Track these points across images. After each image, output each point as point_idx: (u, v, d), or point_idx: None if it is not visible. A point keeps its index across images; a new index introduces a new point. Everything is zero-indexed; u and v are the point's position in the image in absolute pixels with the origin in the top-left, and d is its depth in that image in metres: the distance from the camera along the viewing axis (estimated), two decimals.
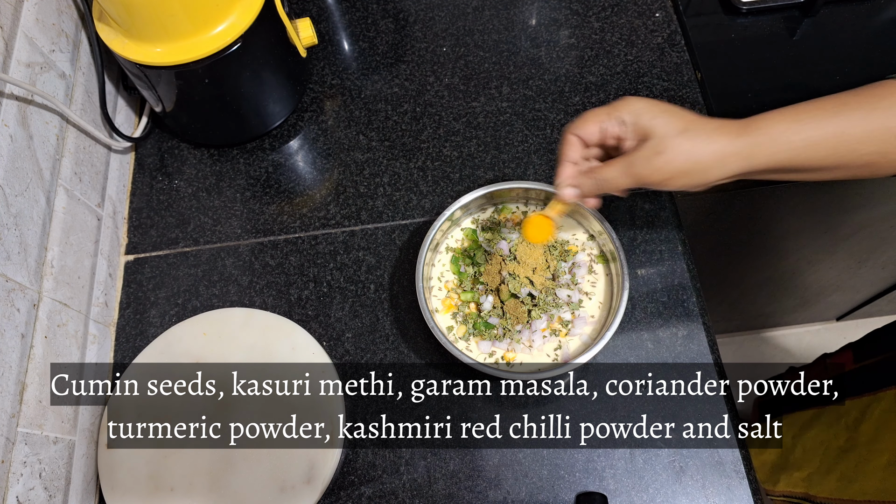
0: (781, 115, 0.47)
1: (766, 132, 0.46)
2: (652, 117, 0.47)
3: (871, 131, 0.45)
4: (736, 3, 0.76)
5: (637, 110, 0.47)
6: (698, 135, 0.46)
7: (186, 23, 0.59)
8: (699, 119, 0.47)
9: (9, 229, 0.52)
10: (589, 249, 0.63)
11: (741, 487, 0.57)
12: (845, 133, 0.45)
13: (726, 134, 0.46)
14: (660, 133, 0.46)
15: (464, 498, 0.58)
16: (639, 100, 0.48)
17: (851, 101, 0.46)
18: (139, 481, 0.58)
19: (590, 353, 0.55)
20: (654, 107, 0.47)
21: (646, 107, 0.47)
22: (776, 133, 0.46)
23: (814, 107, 0.47)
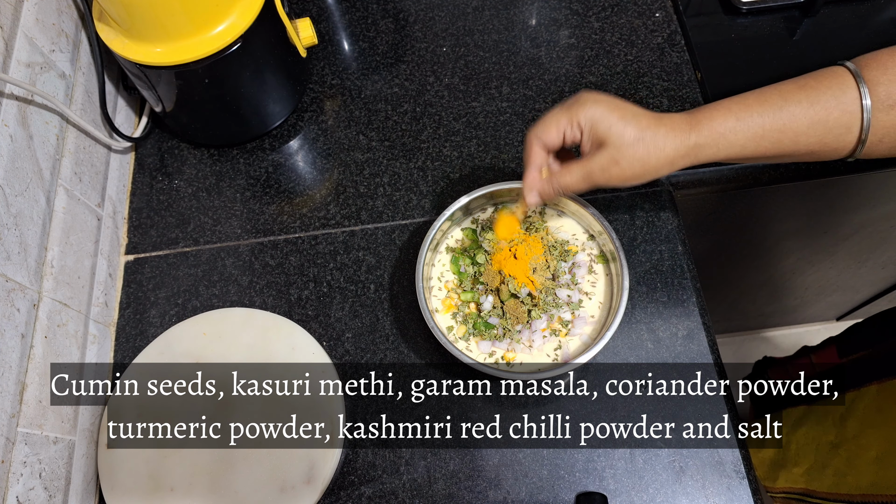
0: (727, 112, 0.49)
1: (711, 131, 0.48)
2: (608, 126, 0.49)
3: (812, 124, 0.47)
4: (736, 3, 0.76)
5: (593, 117, 0.49)
6: (652, 141, 0.49)
7: (186, 23, 0.59)
8: (651, 123, 0.49)
9: (9, 229, 0.52)
10: (589, 249, 0.63)
11: (741, 487, 0.57)
12: (787, 127, 0.47)
13: (676, 136, 0.49)
14: (615, 143, 0.49)
15: (464, 498, 0.58)
16: (595, 102, 0.50)
17: (795, 94, 0.48)
18: (139, 481, 0.58)
19: (590, 353, 0.55)
20: (610, 113, 0.49)
21: (602, 114, 0.49)
22: (721, 131, 0.48)
23: (759, 101, 0.48)
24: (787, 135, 0.48)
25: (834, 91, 0.47)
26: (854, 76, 0.46)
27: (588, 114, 0.50)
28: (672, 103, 0.73)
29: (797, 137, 0.48)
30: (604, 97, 0.50)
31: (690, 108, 0.73)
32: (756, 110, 0.48)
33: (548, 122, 0.52)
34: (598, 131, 0.49)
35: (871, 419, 0.71)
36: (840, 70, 0.48)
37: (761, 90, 0.50)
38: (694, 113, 0.50)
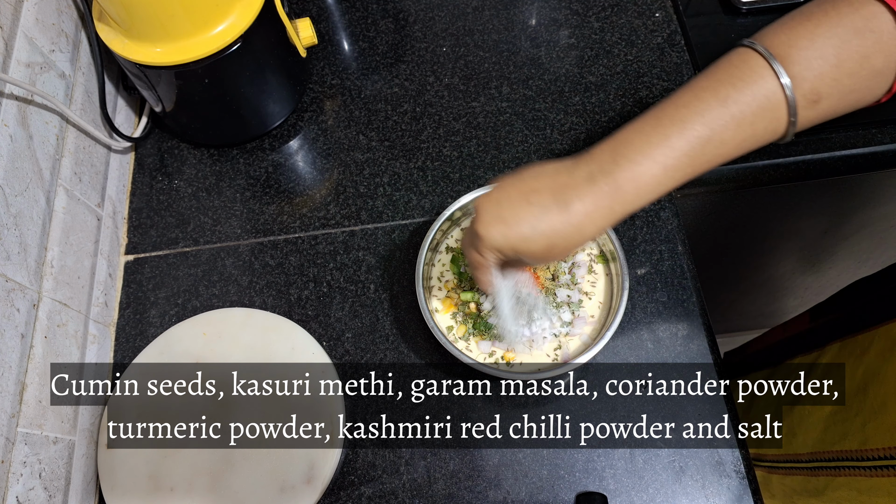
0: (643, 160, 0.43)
1: (630, 191, 0.43)
2: (514, 253, 0.46)
3: (736, 125, 0.43)
4: (736, 3, 0.76)
5: (499, 249, 0.46)
6: (565, 248, 0.45)
7: (186, 23, 0.59)
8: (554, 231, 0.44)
9: (9, 229, 0.52)
10: (589, 249, 0.63)
11: (741, 487, 0.57)
12: (711, 138, 0.43)
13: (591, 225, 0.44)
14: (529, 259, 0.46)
15: (464, 498, 0.58)
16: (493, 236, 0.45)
17: (707, 100, 0.43)
18: (139, 481, 0.58)
19: (590, 353, 0.55)
20: (510, 241, 0.45)
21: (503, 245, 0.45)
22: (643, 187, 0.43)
23: (672, 124, 0.43)
24: (711, 145, 0.43)
25: (745, 80, 0.42)
26: (762, 56, 0.42)
27: (493, 246, 0.46)
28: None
29: (722, 146, 0.43)
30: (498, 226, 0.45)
31: None
32: (673, 144, 0.43)
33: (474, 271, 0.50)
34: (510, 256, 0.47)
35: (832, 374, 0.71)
36: (743, 53, 0.43)
37: (659, 109, 0.44)
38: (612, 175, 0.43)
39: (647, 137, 0.43)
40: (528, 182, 0.45)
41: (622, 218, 0.45)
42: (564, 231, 0.44)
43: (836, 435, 0.71)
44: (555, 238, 0.44)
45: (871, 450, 0.65)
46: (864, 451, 0.65)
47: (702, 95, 0.43)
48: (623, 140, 0.44)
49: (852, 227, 0.98)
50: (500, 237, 0.45)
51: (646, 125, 0.44)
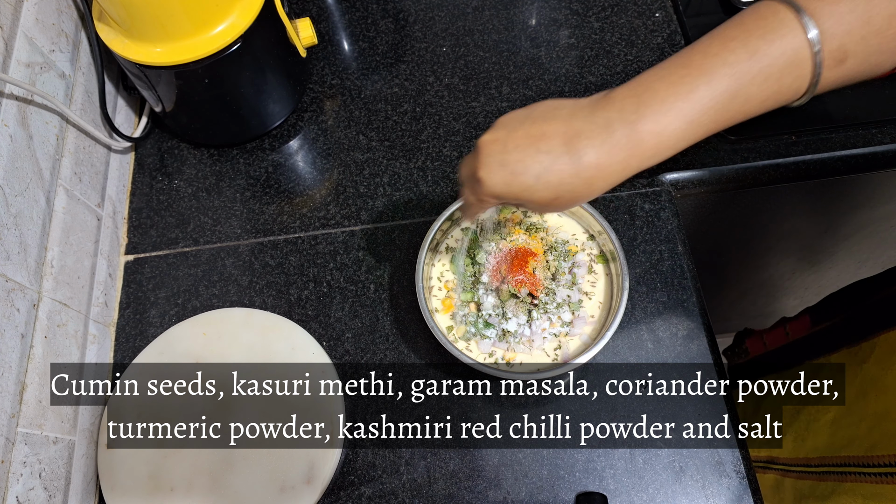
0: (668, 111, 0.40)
1: (650, 145, 0.40)
2: (515, 201, 0.43)
3: (764, 78, 0.40)
4: (736, 3, 0.76)
5: (499, 196, 0.43)
6: (570, 201, 0.42)
7: (186, 23, 0.59)
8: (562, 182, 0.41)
9: (9, 229, 0.52)
10: (589, 249, 0.63)
11: (741, 487, 0.57)
12: (738, 94, 0.40)
13: (602, 180, 0.41)
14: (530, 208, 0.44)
15: (464, 498, 0.58)
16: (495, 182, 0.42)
17: (734, 50, 0.40)
18: (139, 481, 0.58)
19: (590, 353, 0.55)
20: (512, 189, 0.42)
21: (504, 192, 0.42)
22: (664, 141, 0.40)
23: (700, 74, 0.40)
24: (737, 101, 0.40)
25: (775, 32, 0.40)
26: (792, 9, 0.40)
27: (491, 192, 0.43)
28: None
29: (747, 102, 0.41)
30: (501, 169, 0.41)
31: None
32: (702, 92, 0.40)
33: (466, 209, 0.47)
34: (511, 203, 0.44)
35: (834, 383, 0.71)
36: (772, 5, 0.41)
37: (684, 55, 0.41)
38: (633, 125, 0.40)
39: (672, 86, 0.40)
40: (538, 124, 0.41)
41: (633, 173, 0.41)
42: (572, 184, 0.41)
43: (842, 440, 0.71)
44: (561, 190, 0.41)
45: (876, 456, 0.64)
46: (870, 458, 0.65)
47: (730, 45, 0.40)
48: (646, 86, 0.41)
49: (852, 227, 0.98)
50: (502, 184, 0.42)
51: (671, 73, 0.41)
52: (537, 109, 0.43)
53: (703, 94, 0.40)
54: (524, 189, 0.41)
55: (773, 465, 0.85)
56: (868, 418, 0.66)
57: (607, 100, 0.41)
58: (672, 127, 0.40)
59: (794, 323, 0.90)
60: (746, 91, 0.40)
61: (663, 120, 0.40)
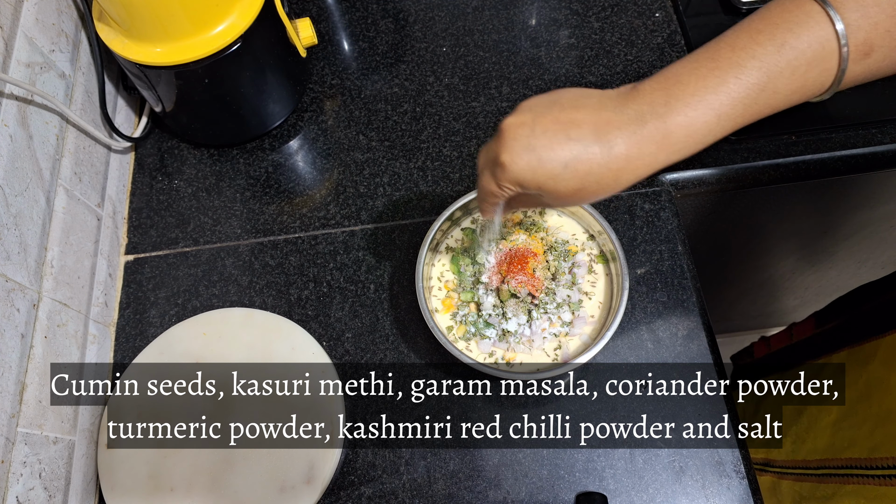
0: (698, 104, 0.39)
1: (679, 138, 0.40)
2: (537, 190, 0.42)
3: (791, 70, 0.40)
4: (736, 3, 0.76)
5: (521, 183, 0.41)
6: (595, 193, 0.41)
7: (186, 23, 0.59)
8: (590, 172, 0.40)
9: (9, 229, 0.52)
10: (589, 249, 0.63)
11: (741, 487, 0.57)
12: (766, 87, 0.40)
13: (630, 172, 0.40)
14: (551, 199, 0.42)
15: (464, 498, 0.58)
16: (520, 167, 0.40)
17: (762, 43, 0.40)
18: (139, 481, 0.58)
19: (590, 353, 0.55)
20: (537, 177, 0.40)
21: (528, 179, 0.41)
22: (693, 134, 0.40)
23: (730, 67, 0.40)
24: (765, 94, 0.40)
25: (802, 25, 0.39)
26: (819, 3, 0.39)
27: (515, 178, 0.41)
28: None
29: (775, 95, 0.40)
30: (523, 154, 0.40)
31: None
32: (731, 86, 0.39)
33: (483, 199, 0.45)
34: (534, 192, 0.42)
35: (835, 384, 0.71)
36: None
37: (713, 48, 0.41)
38: (664, 118, 0.39)
39: (702, 80, 0.39)
40: (567, 111, 0.40)
41: (660, 168, 0.41)
42: (600, 174, 0.39)
43: (844, 441, 0.71)
44: (588, 180, 0.40)
45: (879, 458, 0.64)
46: (873, 460, 0.65)
47: (758, 39, 0.40)
48: (676, 79, 0.40)
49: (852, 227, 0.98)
50: (528, 170, 0.40)
51: (700, 66, 0.40)
52: (565, 96, 0.41)
53: (732, 87, 0.39)
54: (550, 177, 0.40)
55: (769, 468, 0.85)
56: (871, 419, 0.66)
57: (636, 92, 0.41)
58: (702, 120, 0.39)
59: (799, 326, 0.90)
60: (774, 84, 0.40)
61: (693, 113, 0.39)
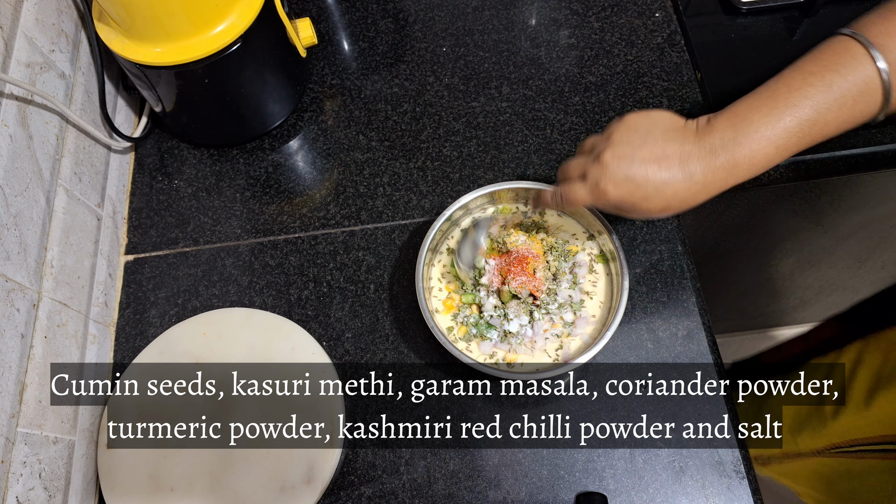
0: (760, 139, 0.47)
1: (744, 167, 0.48)
2: (629, 206, 0.50)
3: (838, 107, 0.47)
4: (736, 3, 0.76)
5: (617, 204, 0.51)
6: (678, 209, 0.50)
7: (186, 23, 0.59)
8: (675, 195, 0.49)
9: (9, 229, 0.52)
10: (589, 249, 0.63)
11: (741, 487, 0.57)
12: (816, 120, 0.47)
13: (705, 193, 0.49)
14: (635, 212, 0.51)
15: (464, 498, 0.58)
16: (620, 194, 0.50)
17: (812, 84, 0.47)
18: (139, 481, 0.58)
19: (590, 353, 0.55)
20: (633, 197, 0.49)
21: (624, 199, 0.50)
22: (756, 164, 0.48)
23: (786, 108, 0.47)
24: (817, 127, 0.47)
25: (848, 67, 0.46)
26: (862, 45, 0.46)
27: (609, 203, 0.51)
28: (672, 103, 0.73)
29: (826, 127, 0.48)
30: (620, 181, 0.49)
31: (690, 108, 0.73)
32: (787, 122, 0.47)
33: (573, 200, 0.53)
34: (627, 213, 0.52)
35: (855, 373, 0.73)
36: (845, 41, 0.47)
37: (772, 88, 0.49)
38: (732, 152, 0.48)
39: (764, 118, 0.47)
40: (659, 145, 0.49)
41: (729, 188, 0.49)
42: (683, 196, 0.49)
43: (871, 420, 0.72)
44: (673, 201, 0.49)
45: None
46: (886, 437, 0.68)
47: (810, 80, 0.47)
48: (742, 117, 0.48)
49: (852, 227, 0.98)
50: (626, 194, 0.50)
51: (762, 105, 0.48)
52: (656, 129, 0.50)
53: (788, 124, 0.47)
54: (643, 198, 0.49)
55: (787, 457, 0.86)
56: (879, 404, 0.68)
57: (710, 128, 0.49)
58: (763, 152, 0.47)
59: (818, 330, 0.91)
60: (824, 118, 0.47)
61: (756, 147, 0.47)
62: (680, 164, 0.48)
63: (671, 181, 0.48)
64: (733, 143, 0.48)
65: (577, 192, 0.52)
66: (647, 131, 0.50)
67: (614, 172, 0.49)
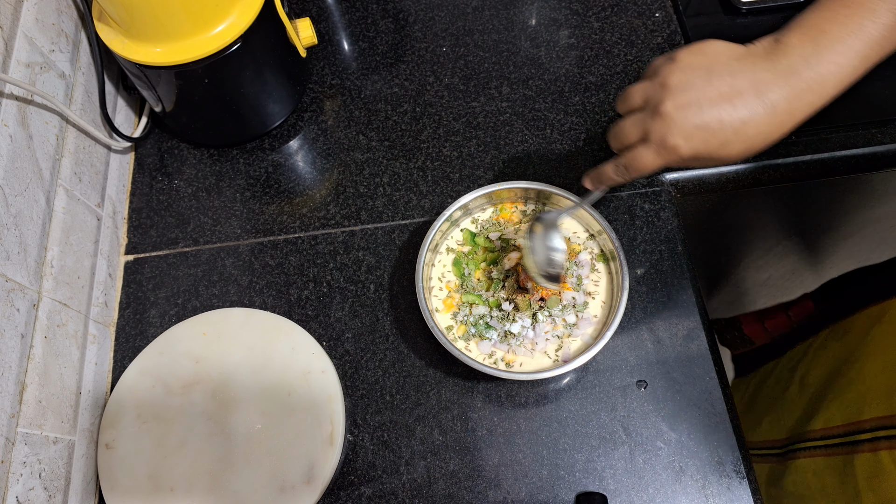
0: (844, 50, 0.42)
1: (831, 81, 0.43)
2: (705, 157, 0.45)
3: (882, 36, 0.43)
4: (736, 3, 0.76)
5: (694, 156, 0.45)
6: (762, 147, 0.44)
7: (186, 23, 0.59)
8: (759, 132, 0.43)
9: (8, 229, 0.52)
10: (589, 249, 0.63)
11: (741, 487, 0.57)
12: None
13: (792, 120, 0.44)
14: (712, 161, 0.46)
15: (464, 498, 0.58)
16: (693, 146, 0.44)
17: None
18: (139, 481, 0.58)
19: (589, 353, 0.55)
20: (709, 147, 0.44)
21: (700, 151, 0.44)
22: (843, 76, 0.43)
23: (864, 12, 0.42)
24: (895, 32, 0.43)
25: None
26: None
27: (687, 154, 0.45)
28: None
29: None
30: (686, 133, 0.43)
31: None
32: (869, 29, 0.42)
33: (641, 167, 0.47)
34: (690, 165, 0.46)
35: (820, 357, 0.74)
36: None
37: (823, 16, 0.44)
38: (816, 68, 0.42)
39: (842, 27, 0.43)
40: (726, 79, 0.43)
41: (819, 110, 0.44)
42: (768, 131, 0.43)
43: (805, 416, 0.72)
44: (756, 139, 0.44)
45: (832, 428, 0.66)
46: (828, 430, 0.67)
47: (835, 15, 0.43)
48: (818, 28, 0.43)
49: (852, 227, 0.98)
50: (701, 144, 0.44)
51: (837, 13, 0.43)
52: (717, 62, 0.44)
53: (870, 31, 0.42)
54: (721, 145, 0.43)
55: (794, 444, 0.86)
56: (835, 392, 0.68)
57: (783, 46, 0.44)
58: (848, 63, 0.42)
59: (797, 307, 0.91)
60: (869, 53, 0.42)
61: (841, 59, 0.42)
62: (757, 96, 0.42)
63: (751, 118, 0.43)
64: (816, 57, 0.42)
65: (643, 157, 0.46)
66: (708, 67, 0.44)
67: (682, 124, 0.43)
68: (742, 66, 0.44)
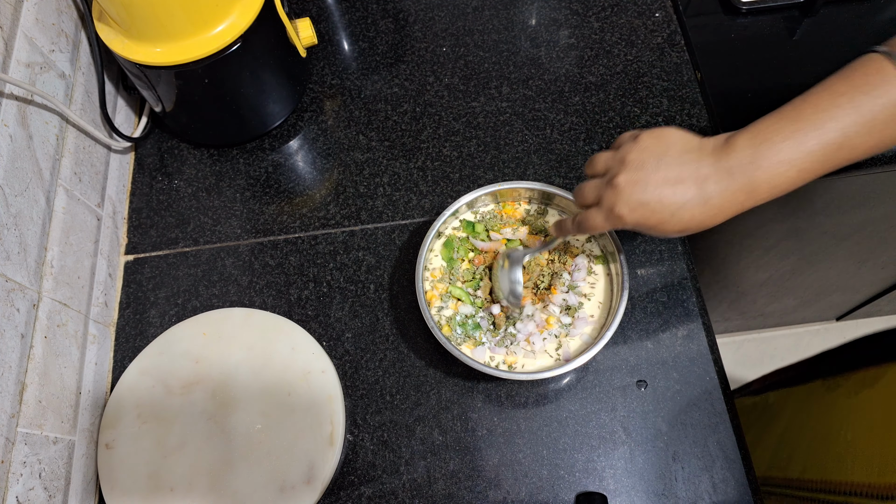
0: (781, 162, 0.45)
1: (764, 190, 0.46)
2: (644, 229, 0.49)
3: (868, 130, 0.44)
4: (736, 3, 0.76)
5: (636, 223, 0.49)
6: (695, 230, 0.49)
7: (186, 23, 0.59)
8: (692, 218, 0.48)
9: (8, 229, 0.52)
10: (588, 250, 0.63)
11: (741, 487, 0.57)
12: (843, 143, 0.44)
13: (722, 216, 0.48)
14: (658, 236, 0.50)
15: (464, 498, 0.58)
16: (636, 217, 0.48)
17: (839, 105, 0.44)
18: (139, 481, 0.58)
19: (590, 353, 0.55)
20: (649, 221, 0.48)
21: (639, 221, 0.49)
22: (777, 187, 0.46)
23: (811, 129, 0.44)
24: (843, 151, 0.45)
25: (879, 88, 0.43)
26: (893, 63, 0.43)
27: (628, 223, 0.49)
28: (672, 103, 0.73)
29: (853, 151, 0.45)
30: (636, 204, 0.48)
31: (690, 107, 0.73)
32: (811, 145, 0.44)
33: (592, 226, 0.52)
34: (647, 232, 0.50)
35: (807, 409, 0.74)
36: (878, 60, 0.44)
37: (797, 107, 0.46)
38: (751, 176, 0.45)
39: (786, 140, 0.45)
40: (674, 168, 0.47)
41: (750, 208, 0.48)
42: (700, 219, 0.48)
43: (782, 460, 0.72)
44: (691, 224, 0.48)
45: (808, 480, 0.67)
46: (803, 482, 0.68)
47: (838, 101, 0.44)
48: (763, 137, 0.46)
49: (852, 227, 0.98)
50: (641, 218, 0.48)
51: (785, 125, 0.45)
52: (671, 150, 0.48)
53: (812, 147, 0.44)
54: (660, 222, 0.48)
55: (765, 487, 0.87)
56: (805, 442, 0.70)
57: (729, 148, 0.47)
58: (784, 175, 0.45)
59: None
60: (851, 142, 0.44)
61: (777, 170, 0.45)
62: (696, 187, 0.47)
63: (687, 205, 0.47)
64: (752, 165, 0.45)
65: (594, 219, 0.51)
66: (661, 153, 0.48)
67: (629, 198, 0.48)
68: (690, 157, 0.48)
